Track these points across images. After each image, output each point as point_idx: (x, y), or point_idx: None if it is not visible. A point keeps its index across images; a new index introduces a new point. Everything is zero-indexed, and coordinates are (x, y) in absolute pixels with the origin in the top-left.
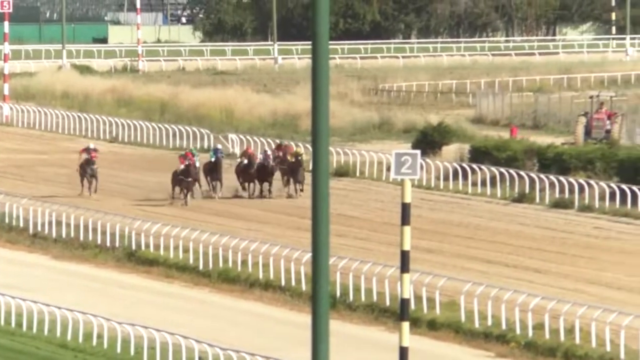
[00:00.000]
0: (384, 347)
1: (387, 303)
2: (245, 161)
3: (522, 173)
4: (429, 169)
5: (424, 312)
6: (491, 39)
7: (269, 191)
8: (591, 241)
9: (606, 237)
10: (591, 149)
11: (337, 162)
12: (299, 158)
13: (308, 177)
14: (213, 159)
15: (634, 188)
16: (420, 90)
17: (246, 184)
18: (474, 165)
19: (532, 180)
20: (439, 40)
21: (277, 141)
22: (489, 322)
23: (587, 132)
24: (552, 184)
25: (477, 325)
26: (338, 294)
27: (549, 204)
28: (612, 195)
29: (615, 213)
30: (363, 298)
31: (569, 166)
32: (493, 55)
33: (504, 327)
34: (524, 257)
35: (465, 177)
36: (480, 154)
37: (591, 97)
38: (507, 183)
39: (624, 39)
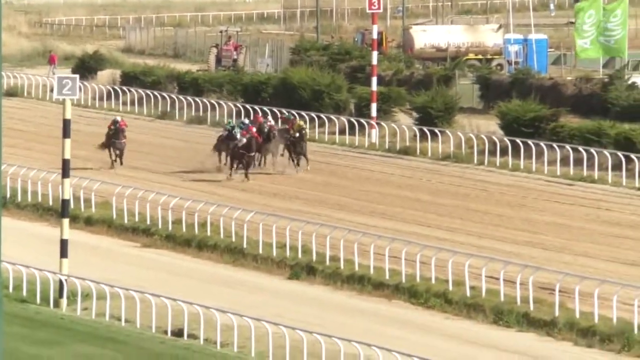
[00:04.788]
0: (48, 240)
1: (50, 203)
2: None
3: (164, 94)
4: (87, 91)
5: (82, 211)
6: None
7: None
8: None
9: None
10: (221, 75)
11: (8, 84)
12: (303, 132)
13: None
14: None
15: (256, 107)
16: (79, 24)
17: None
18: (125, 88)
19: (172, 101)
20: None
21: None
22: (136, 219)
23: (218, 61)
24: (189, 104)
25: (126, 221)
26: (8, 195)
27: (186, 120)
28: (239, 113)
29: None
30: (29, 199)
31: (203, 89)
32: None
33: (148, 222)
34: (167, 165)
35: (117, 97)
36: (130, 79)
37: (221, 31)
38: (152, 103)
39: None
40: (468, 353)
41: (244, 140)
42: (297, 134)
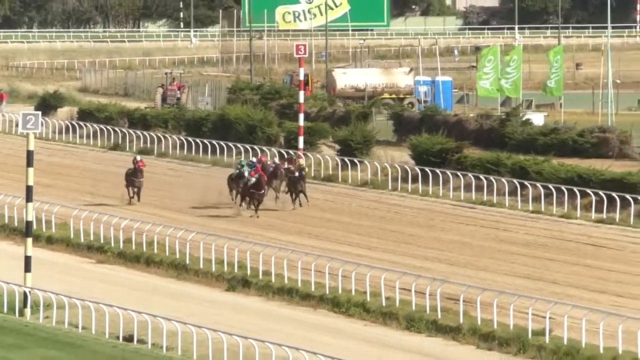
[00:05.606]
0: (13, 257)
1: (16, 224)
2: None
3: (116, 129)
4: (48, 126)
5: (43, 231)
6: (93, 30)
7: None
8: (167, 179)
9: (178, 175)
10: (166, 112)
11: None
12: (303, 173)
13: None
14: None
15: (197, 140)
16: (41, 67)
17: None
18: (81, 123)
19: (123, 134)
20: (54, 30)
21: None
22: (92, 238)
23: (164, 99)
24: (138, 137)
25: (82, 240)
26: None
27: (135, 151)
28: (182, 145)
29: (184, 158)
30: None
31: (150, 124)
32: (94, 42)
33: (102, 241)
34: (116, 190)
35: (75, 131)
36: (86, 115)
37: (166, 73)
38: (105, 136)
39: (189, 31)
40: (384, 355)
41: (253, 179)
42: (297, 173)
